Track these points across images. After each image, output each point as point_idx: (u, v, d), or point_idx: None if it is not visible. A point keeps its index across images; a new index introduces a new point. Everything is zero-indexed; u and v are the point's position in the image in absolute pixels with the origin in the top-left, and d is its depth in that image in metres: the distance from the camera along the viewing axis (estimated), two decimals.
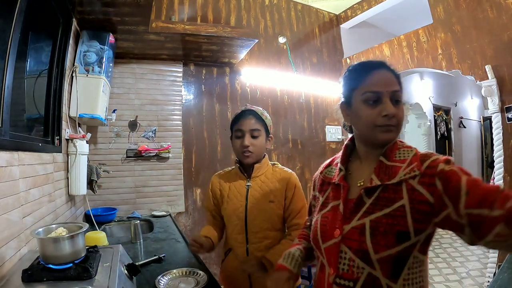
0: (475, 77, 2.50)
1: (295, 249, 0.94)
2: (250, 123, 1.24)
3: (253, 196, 1.24)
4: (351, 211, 0.76)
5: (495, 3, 2.35)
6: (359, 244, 0.71)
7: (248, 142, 1.22)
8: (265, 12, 3.27)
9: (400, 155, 0.76)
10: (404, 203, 0.69)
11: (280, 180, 1.25)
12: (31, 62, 1.45)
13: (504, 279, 1.25)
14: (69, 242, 0.88)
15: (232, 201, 1.27)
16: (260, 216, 1.22)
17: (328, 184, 0.88)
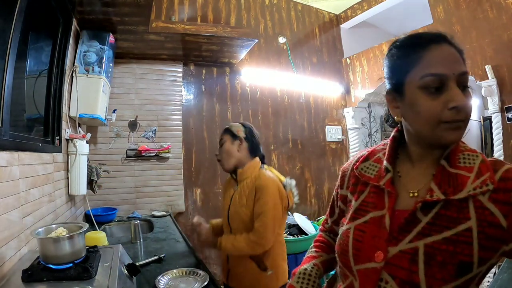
0: (475, 77, 2.50)
1: (311, 266, 0.78)
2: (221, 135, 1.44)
3: (234, 199, 1.38)
4: (401, 228, 0.58)
5: (495, 3, 2.35)
6: (408, 274, 0.55)
7: (219, 151, 1.43)
8: (265, 12, 3.27)
9: (464, 160, 0.59)
10: (472, 225, 0.54)
11: (253, 187, 1.32)
12: (31, 62, 1.45)
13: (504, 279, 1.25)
14: (69, 242, 0.88)
15: (224, 199, 1.47)
16: (236, 218, 1.36)
17: (365, 185, 0.69)
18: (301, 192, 3.35)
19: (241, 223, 1.34)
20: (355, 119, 3.69)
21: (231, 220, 1.38)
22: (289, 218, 2.71)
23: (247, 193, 1.33)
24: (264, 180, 1.30)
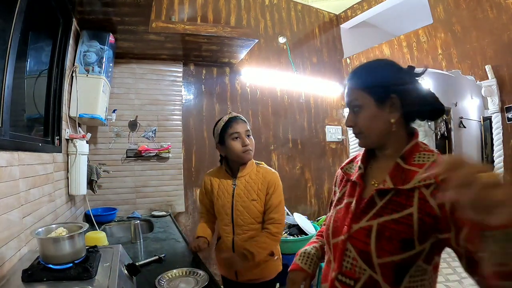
0: (475, 77, 2.50)
1: (311, 248, 0.94)
2: (243, 126, 1.40)
3: (238, 195, 1.40)
4: (362, 210, 0.75)
5: (495, 3, 2.35)
6: (363, 245, 0.71)
7: (248, 141, 1.39)
8: (265, 12, 3.27)
9: (420, 158, 0.72)
10: (413, 211, 0.67)
11: (263, 180, 1.41)
12: (31, 62, 1.45)
13: None
14: (69, 242, 0.88)
15: (221, 198, 1.44)
16: (244, 213, 1.38)
17: (347, 181, 0.86)
18: (301, 192, 3.36)
19: (250, 217, 1.38)
20: None
21: (236, 217, 1.39)
22: (289, 218, 2.71)
23: (256, 187, 1.39)
24: (273, 173, 1.44)
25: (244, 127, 1.40)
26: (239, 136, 1.38)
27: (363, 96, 0.75)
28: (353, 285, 0.72)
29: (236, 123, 1.39)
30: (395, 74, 0.77)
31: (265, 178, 1.41)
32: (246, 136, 1.39)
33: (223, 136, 1.40)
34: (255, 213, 1.39)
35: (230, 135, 1.38)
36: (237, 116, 1.43)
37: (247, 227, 1.39)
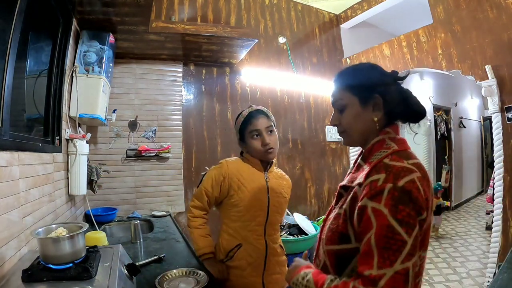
0: (475, 77, 2.50)
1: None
2: (264, 121, 1.27)
3: (273, 189, 1.29)
4: (335, 204, 0.83)
5: (495, 3, 2.35)
6: (322, 233, 0.81)
7: (269, 140, 1.25)
8: (265, 12, 3.27)
9: (375, 156, 0.73)
10: (346, 208, 0.72)
11: (287, 181, 1.39)
12: (31, 62, 1.45)
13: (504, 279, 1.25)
14: (69, 242, 0.88)
15: (254, 191, 1.25)
16: (278, 209, 1.31)
17: None
18: (301, 192, 3.36)
19: (280, 215, 1.34)
20: None
21: (272, 214, 1.27)
22: (289, 218, 2.71)
23: (283, 184, 1.35)
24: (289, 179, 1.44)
25: (265, 123, 1.26)
26: (259, 134, 1.25)
27: (348, 96, 0.79)
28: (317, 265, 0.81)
29: (256, 119, 1.26)
30: (379, 76, 0.80)
31: (288, 181, 1.40)
32: (267, 133, 1.26)
33: (243, 133, 1.28)
34: (284, 211, 1.35)
35: (249, 132, 1.26)
36: (258, 110, 1.29)
37: (276, 226, 1.33)
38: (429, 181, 0.69)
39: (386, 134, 0.77)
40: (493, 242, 2.43)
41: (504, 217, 2.36)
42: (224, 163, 1.30)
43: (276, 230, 1.34)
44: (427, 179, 0.68)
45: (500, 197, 2.39)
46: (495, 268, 2.38)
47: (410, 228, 0.61)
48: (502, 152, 2.39)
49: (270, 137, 1.27)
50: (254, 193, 1.25)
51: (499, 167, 2.41)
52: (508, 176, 2.36)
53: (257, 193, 1.25)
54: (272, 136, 1.28)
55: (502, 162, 2.39)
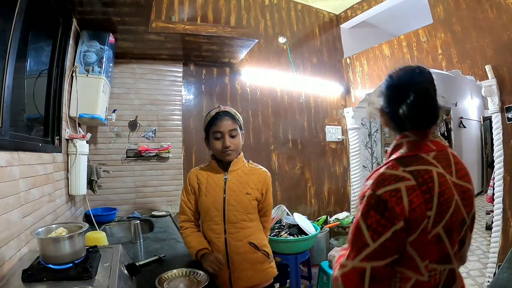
0: (475, 77, 2.50)
1: None
2: (228, 124, 1.31)
3: (231, 188, 1.32)
4: None
5: (495, 3, 2.35)
6: None
7: (229, 142, 1.31)
8: (265, 12, 3.27)
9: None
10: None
11: (258, 175, 1.38)
12: (31, 62, 1.44)
13: (504, 279, 1.25)
14: (69, 242, 0.88)
15: (210, 194, 1.33)
16: (238, 207, 1.31)
17: None
18: (301, 192, 3.36)
19: (243, 212, 1.32)
20: (355, 119, 3.69)
21: (228, 212, 1.30)
22: (289, 218, 2.71)
23: (251, 181, 1.35)
24: (266, 171, 1.41)
25: (229, 126, 1.31)
26: (222, 136, 1.30)
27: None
28: None
29: (221, 121, 1.31)
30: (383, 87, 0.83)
31: (261, 175, 1.38)
32: (229, 136, 1.31)
33: (208, 132, 1.35)
34: (248, 208, 1.32)
35: (213, 133, 1.32)
36: (225, 112, 1.34)
37: (240, 224, 1.31)
38: (428, 190, 0.67)
39: (405, 138, 0.77)
40: (493, 242, 2.43)
41: (504, 217, 2.36)
42: (188, 175, 1.42)
43: (240, 228, 1.31)
44: (424, 188, 0.67)
45: (500, 197, 2.39)
46: (495, 268, 2.38)
47: (376, 235, 0.66)
48: (502, 152, 2.39)
49: (232, 140, 1.32)
50: (210, 195, 1.33)
51: (499, 167, 2.41)
52: (508, 176, 2.36)
53: (213, 194, 1.32)
54: (235, 139, 1.33)
55: (502, 162, 2.39)
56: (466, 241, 0.80)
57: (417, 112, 0.73)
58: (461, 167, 0.78)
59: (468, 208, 0.77)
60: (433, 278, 0.69)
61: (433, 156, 0.74)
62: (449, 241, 0.71)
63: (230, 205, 1.30)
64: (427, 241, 0.68)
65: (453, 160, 0.77)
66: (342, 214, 3.29)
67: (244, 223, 1.32)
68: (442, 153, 0.76)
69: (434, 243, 0.68)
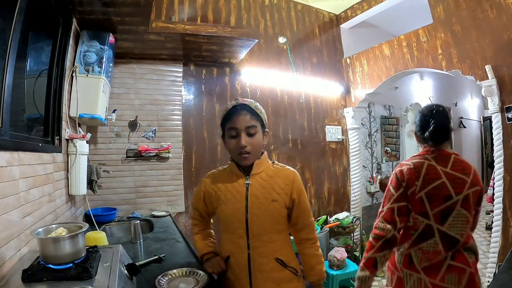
0: (475, 77, 2.50)
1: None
2: (245, 119, 1.10)
3: (254, 195, 1.11)
4: None
5: (495, 3, 2.35)
6: None
7: (245, 142, 1.09)
8: (265, 12, 3.27)
9: None
10: None
11: (284, 178, 1.14)
12: (31, 62, 1.44)
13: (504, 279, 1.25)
14: (69, 242, 0.87)
15: (231, 202, 1.12)
16: (263, 217, 1.10)
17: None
18: None
19: (270, 223, 1.11)
20: (355, 119, 3.69)
21: (252, 224, 1.10)
22: None
23: (277, 186, 1.12)
24: (294, 172, 1.17)
25: (246, 122, 1.09)
26: (237, 133, 1.10)
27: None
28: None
29: (237, 116, 1.10)
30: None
31: (288, 176, 1.14)
32: (246, 134, 1.09)
33: (224, 129, 1.15)
34: (275, 218, 1.11)
35: (228, 130, 1.12)
36: (243, 105, 1.12)
37: (267, 237, 1.10)
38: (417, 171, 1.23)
39: (425, 148, 1.33)
40: (493, 242, 2.43)
41: (504, 217, 2.36)
42: (203, 179, 1.24)
43: (267, 242, 1.11)
44: (416, 169, 1.24)
45: (500, 197, 2.39)
46: (495, 268, 2.38)
47: (395, 190, 1.25)
48: (502, 152, 2.39)
49: (250, 139, 1.10)
50: (230, 203, 1.13)
51: (499, 167, 2.41)
52: (508, 176, 2.36)
53: (234, 203, 1.12)
54: (253, 138, 1.10)
55: (502, 162, 2.39)
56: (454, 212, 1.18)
57: (432, 136, 1.27)
58: (459, 164, 1.24)
59: (458, 189, 1.19)
60: (415, 224, 1.24)
61: (432, 156, 1.27)
62: (428, 204, 1.20)
63: (254, 215, 1.10)
64: (415, 200, 1.22)
65: (452, 159, 1.26)
66: (342, 214, 3.29)
67: (271, 236, 1.12)
68: (443, 155, 1.27)
69: (418, 202, 1.22)
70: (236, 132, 1.10)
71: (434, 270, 1.18)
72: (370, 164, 3.93)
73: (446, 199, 1.18)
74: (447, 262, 1.17)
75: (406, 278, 1.23)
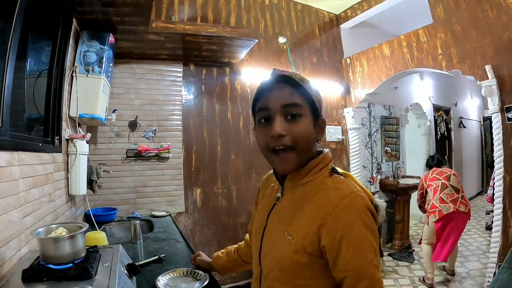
0: (475, 77, 2.50)
1: None
2: (283, 95, 0.69)
3: (274, 216, 0.75)
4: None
5: (495, 3, 2.35)
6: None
7: (281, 128, 0.67)
8: (265, 12, 3.27)
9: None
10: None
11: (324, 200, 0.66)
12: (31, 62, 1.44)
13: (504, 279, 1.25)
14: (69, 242, 0.88)
15: (261, 214, 0.81)
16: (272, 253, 0.72)
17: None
18: None
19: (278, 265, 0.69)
20: (355, 119, 3.69)
21: (264, 254, 0.75)
22: None
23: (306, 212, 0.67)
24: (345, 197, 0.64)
25: (284, 99, 0.68)
26: (269, 117, 0.70)
27: None
28: None
29: (271, 92, 0.70)
30: None
31: (330, 202, 0.64)
32: (283, 117, 0.68)
33: (254, 114, 0.75)
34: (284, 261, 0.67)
35: (258, 113, 0.72)
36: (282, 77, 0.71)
37: (271, 276, 0.70)
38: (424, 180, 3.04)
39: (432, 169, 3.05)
40: (493, 242, 2.43)
41: (504, 217, 2.36)
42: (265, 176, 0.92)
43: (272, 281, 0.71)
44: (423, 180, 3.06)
45: (500, 197, 2.39)
46: (495, 268, 2.38)
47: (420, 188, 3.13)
48: (502, 152, 2.39)
49: (290, 125, 0.68)
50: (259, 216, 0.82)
51: (499, 167, 2.41)
52: (508, 176, 2.36)
53: (260, 217, 0.80)
54: (295, 125, 0.68)
55: (502, 162, 2.39)
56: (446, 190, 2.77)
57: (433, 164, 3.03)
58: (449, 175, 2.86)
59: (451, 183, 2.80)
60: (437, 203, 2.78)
61: (433, 172, 2.96)
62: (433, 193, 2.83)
63: (267, 245, 0.75)
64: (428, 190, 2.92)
65: (446, 173, 2.88)
66: None
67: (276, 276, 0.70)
68: (442, 171, 2.91)
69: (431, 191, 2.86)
70: (268, 115, 0.70)
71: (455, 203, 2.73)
72: (370, 164, 3.93)
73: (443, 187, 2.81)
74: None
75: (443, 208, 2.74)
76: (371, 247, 0.62)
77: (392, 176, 4.19)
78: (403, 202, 3.86)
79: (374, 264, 0.62)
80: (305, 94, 0.70)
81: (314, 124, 0.71)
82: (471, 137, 6.51)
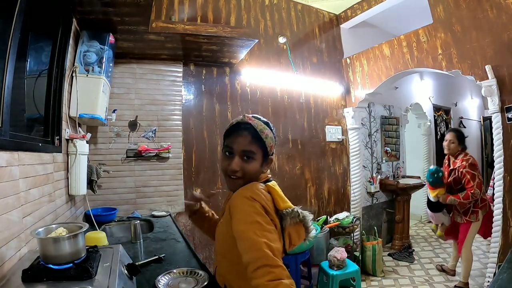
0: (475, 77, 2.50)
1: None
2: (244, 142, 0.95)
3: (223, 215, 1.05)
4: None
5: (495, 3, 2.35)
6: None
7: (237, 166, 0.95)
8: (265, 12, 3.27)
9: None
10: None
11: (232, 197, 0.95)
12: (31, 62, 1.44)
13: (504, 279, 1.25)
14: (69, 242, 0.88)
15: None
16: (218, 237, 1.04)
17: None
18: (301, 192, 3.36)
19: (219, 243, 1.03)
20: (355, 119, 3.69)
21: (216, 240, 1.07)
22: None
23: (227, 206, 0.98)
24: (243, 189, 0.93)
25: (244, 145, 0.95)
26: (231, 154, 0.97)
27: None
28: None
29: (236, 135, 0.96)
30: None
31: (233, 199, 0.93)
32: (241, 158, 0.95)
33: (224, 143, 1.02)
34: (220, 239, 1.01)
35: (225, 146, 1.00)
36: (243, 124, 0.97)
37: (217, 258, 1.04)
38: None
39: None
40: (493, 242, 2.44)
41: (504, 217, 2.36)
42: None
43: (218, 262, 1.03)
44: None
45: (500, 197, 2.39)
46: (495, 268, 2.38)
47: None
48: (502, 152, 2.39)
49: (243, 164, 0.95)
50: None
51: (499, 167, 2.41)
52: (508, 176, 2.36)
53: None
54: (247, 164, 0.95)
55: (502, 162, 2.39)
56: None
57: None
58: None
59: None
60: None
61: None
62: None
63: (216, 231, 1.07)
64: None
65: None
66: (342, 214, 3.29)
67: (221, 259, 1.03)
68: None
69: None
70: (231, 151, 0.96)
71: None
72: (370, 164, 3.93)
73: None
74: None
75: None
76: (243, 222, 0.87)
77: (392, 176, 4.20)
78: (403, 202, 3.86)
79: (247, 228, 0.85)
80: (261, 144, 0.96)
81: (263, 163, 0.99)
82: (471, 137, 6.47)
